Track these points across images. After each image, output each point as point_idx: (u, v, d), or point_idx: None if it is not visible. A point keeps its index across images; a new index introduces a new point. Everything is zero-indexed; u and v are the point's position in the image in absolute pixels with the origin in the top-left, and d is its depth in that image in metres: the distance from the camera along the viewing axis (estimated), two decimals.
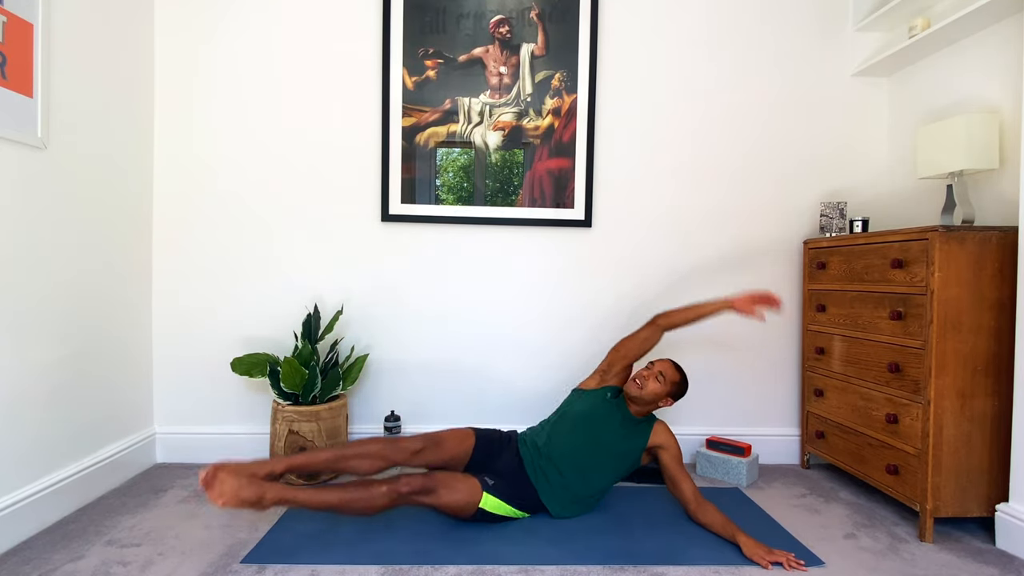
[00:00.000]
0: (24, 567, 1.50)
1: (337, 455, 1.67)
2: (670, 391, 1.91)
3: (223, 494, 1.45)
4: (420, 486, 1.63)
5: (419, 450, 1.75)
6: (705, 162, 2.45)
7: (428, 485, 1.65)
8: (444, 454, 1.80)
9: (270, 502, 1.50)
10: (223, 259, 2.35)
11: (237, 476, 1.49)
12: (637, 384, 1.90)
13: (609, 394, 1.97)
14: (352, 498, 1.57)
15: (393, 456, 1.71)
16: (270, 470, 1.57)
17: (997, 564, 1.61)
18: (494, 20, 2.36)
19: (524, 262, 2.42)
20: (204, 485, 1.46)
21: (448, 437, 1.83)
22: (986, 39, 1.99)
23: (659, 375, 1.90)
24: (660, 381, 1.90)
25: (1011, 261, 1.72)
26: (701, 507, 1.78)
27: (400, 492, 1.61)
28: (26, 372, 1.68)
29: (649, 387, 1.89)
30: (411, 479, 1.63)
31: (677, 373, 1.93)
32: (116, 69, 2.07)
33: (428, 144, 2.37)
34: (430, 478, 1.67)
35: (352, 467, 1.68)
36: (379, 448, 1.70)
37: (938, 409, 1.72)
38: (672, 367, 1.94)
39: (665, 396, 1.91)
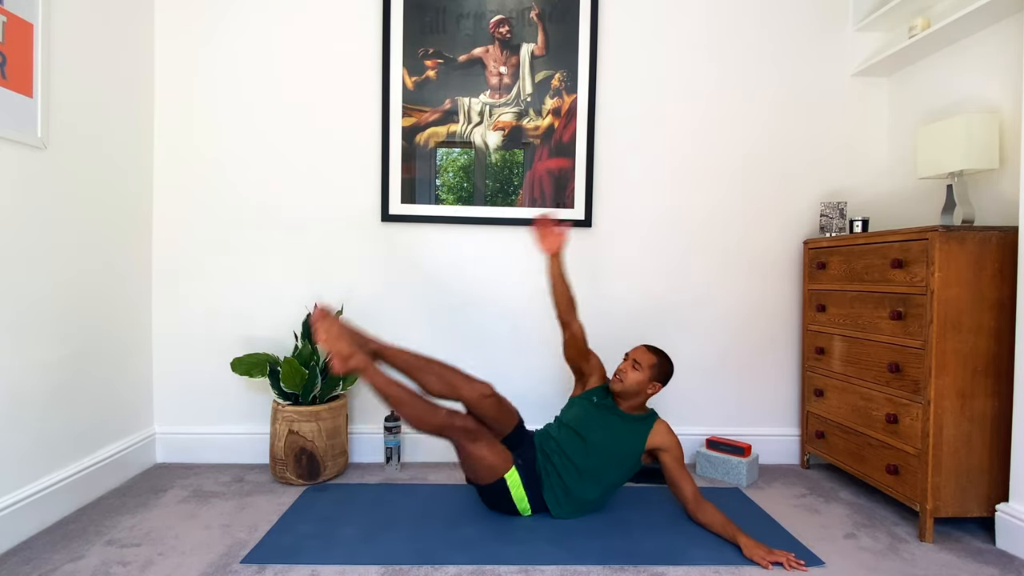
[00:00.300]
0: (24, 567, 1.50)
1: (418, 364, 1.82)
2: (650, 375, 1.88)
3: (329, 334, 1.68)
4: (473, 427, 1.74)
5: (487, 396, 1.80)
6: (705, 162, 2.45)
7: (477, 432, 1.74)
8: (499, 415, 1.84)
9: (355, 364, 1.69)
10: (223, 259, 2.35)
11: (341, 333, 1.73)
12: (618, 379, 1.89)
13: (595, 397, 1.95)
14: (416, 404, 1.70)
15: (463, 390, 1.79)
16: (366, 342, 1.82)
17: (997, 564, 1.61)
18: (494, 20, 2.36)
19: (524, 262, 2.42)
20: (316, 317, 1.71)
21: (507, 403, 1.88)
22: (986, 39, 1.99)
23: (634, 363, 1.89)
24: (637, 368, 1.88)
25: (1011, 261, 1.72)
26: (701, 507, 1.78)
27: (454, 424, 1.72)
28: (26, 372, 1.68)
29: (629, 378, 1.87)
30: (466, 419, 1.74)
31: (652, 355, 1.90)
32: (116, 69, 2.07)
33: (428, 144, 2.37)
34: (481, 428, 1.76)
35: (425, 380, 1.81)
36: (454, 377, 1.81)
37: (938, 409, 1.72)
38: (645, 351, 1.91)
39: (649, 381, 1.88)
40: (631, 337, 2.44)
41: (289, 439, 2.09)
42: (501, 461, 1.78)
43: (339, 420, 2.18)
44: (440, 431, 1.72)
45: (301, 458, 2.09)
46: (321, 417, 2.11)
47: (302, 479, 2.11)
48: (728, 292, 2.46)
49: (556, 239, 1.96)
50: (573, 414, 1.93)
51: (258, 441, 2.35)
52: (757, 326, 2.47)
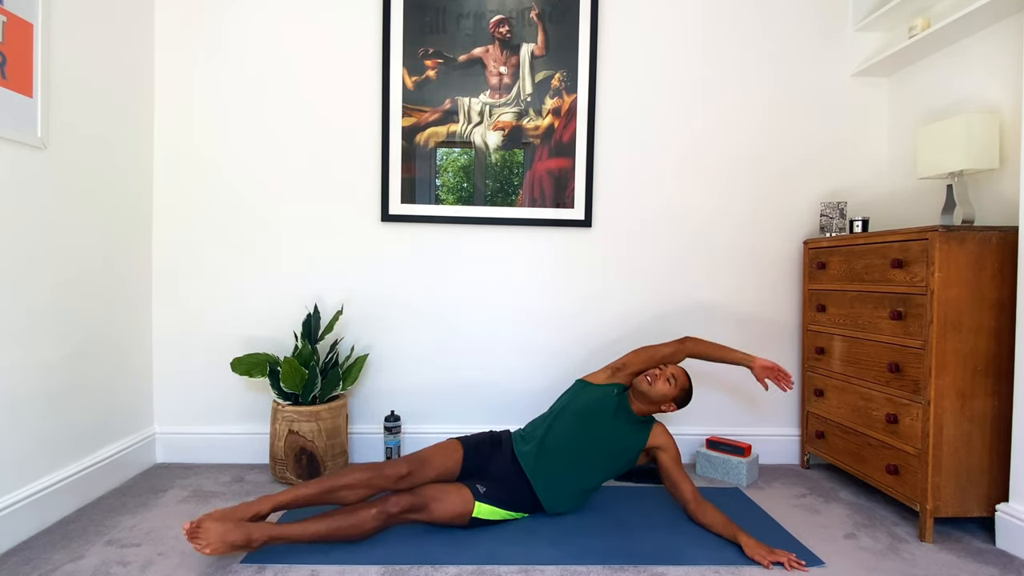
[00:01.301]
0: (24, 567, 1.50)
1: (323, 488, 1.63)
2: (676, 395, 1.92)
3: (210, 542, 1.44)
4: (409, 504, 1.62)
5: (405, 475, 1.71)
6: (705, 162, 2.45)
7: (417, 503, 1.63)
8: (431, 472, 1.77)
9: (258, 542, 1.50)
10: (223, 259, 2.35)
11: (223, 522, 1.48)
12: (648, 381, 1.89)
13: (616, 391, 1.96)
14: (341, 525, 1.57)
15: (379, 483, 1.68)
16: (256, 511, 1.56)
17: (997, 564, 1.61)
18: (494, 20, 2.36)
19: (524, 262, 2.42)
20: (189, 537, 1.45)
21: (434, 455, 1.80)
22: (986, 39, 1.99)
23: (671, 377, 1.90)
24: (670, 383, 1.89)
25: (1011, 261, 1.72)
26: (701, 507, 1.78)
27: (390, 512, 1.60)
28: (26, 372, 1.68)
29: (658, 386, 1.88)
30: (399, 498, 1.62)
31: (687, 380, 1.95)
32: (116, 69, 2.07)
33: (428, 144, 2.37)
34: (418, 495, 1.65)
35: (340, 499, 1.65)
36: (365, 477, 1.67)
37: (938, 409, 1.72)
38: (684, 374, 1.94)
39: (670, 400, 1.92)
40: (631, 337, 2.44)
41: (289, 439, 2.09)
42: (460, 507, 1.69)
43: (339, 420, 2.18)
44: (384, 526, 1.62)
45: (301, 458, 2.09)
46: (321, 417, 2.11)
47: (302, 479, 2.11)
48: (728, 292, 2.46)
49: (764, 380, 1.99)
50: (585, 401, 1.92)
51: (258, 441, 2.35)
52: (757, 326, 2.47)
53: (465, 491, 1.72)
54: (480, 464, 1.85)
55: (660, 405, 1.92)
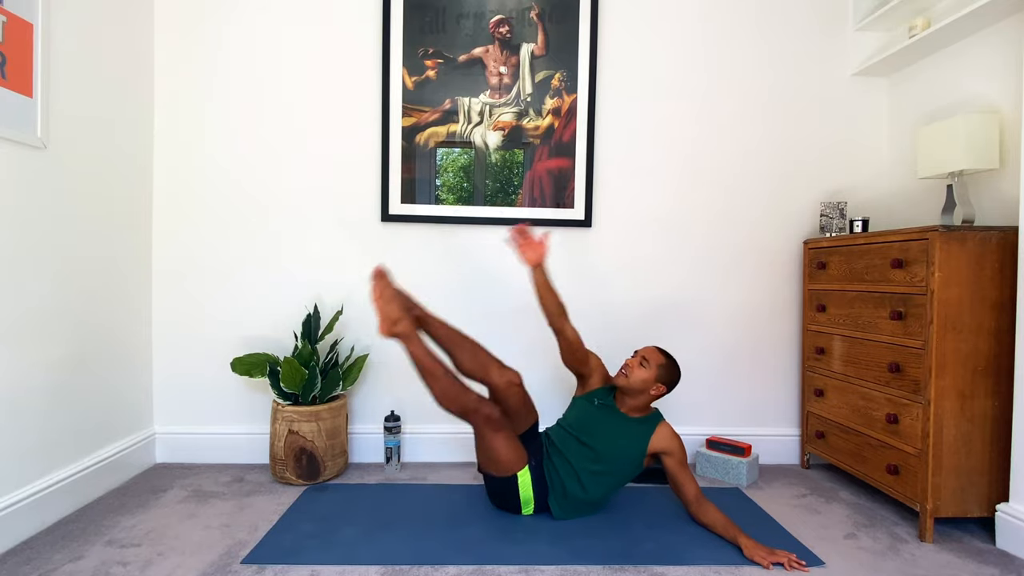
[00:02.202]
0: (24, 567, 1.50)
1: (454, 338, 1.88)
2: (656, 375, 1.84)
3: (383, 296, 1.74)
4: (497, 418, 1.75)
5: (516, 384, 1.84)
6: (705, 162, 2.45)
7: (501, 424, 1.76)
8: (521, 407, 1.87)
9: (400, 330, 1.74)
10: (223, 259, 2.35)
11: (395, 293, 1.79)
12: (623, 374, 1.85)
13: (597, 399, 1.92)
14: (447, 382, 1.73)
15: (493, 374, 1.84)
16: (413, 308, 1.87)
17: (997, 564, 1.61)
18: (494, 20, 2.36)
19: None
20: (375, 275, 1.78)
21: (530, 400, 1.91)
22: (986, 39, 1.99)
23: (642, 360, 1.85)
24: (644, 366, 1.84)
25: (1011, 261, 1.72)
26: (703, 508, 1.78)
27: (481, 411, 1.73)
28: (26, 372, 1.68)
29: (635, 375, 1.83)
30: (494, 408, 1.75)
31: (661, 356, 1.87)
32: (116, 68, 2.07)
33: (428, 144, 2.37)
34: (506, 420, 1.78)
35: (458, 356, 1.86)
36: (487, 359, 1.86)
37: (938, 409, 1.72)
38: (655, 351, 1.87)
39: (654, 381, 1.84)
40: (630, 338, 2.44)
41: (289, 439, 2.09)
42: (516, 458, 1.80)
43: (339, 420, 2.18)
44: (464, 414, 1.74)
45: (301, 458, 2.09)
46: (321, 417, 2.11)
47: (302, 479, 2.11)
48: (728, 292, 2.46)
49: (538, 249, 1.93)
50: (574, 416, 1.93)
51: (258, 441, 2.35)
52: (757, 326, 2.47)
53: (525, 453, 1.83)
54: (530, 441, 1.91)
55: (649, 391, 1.85)
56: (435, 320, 1.92)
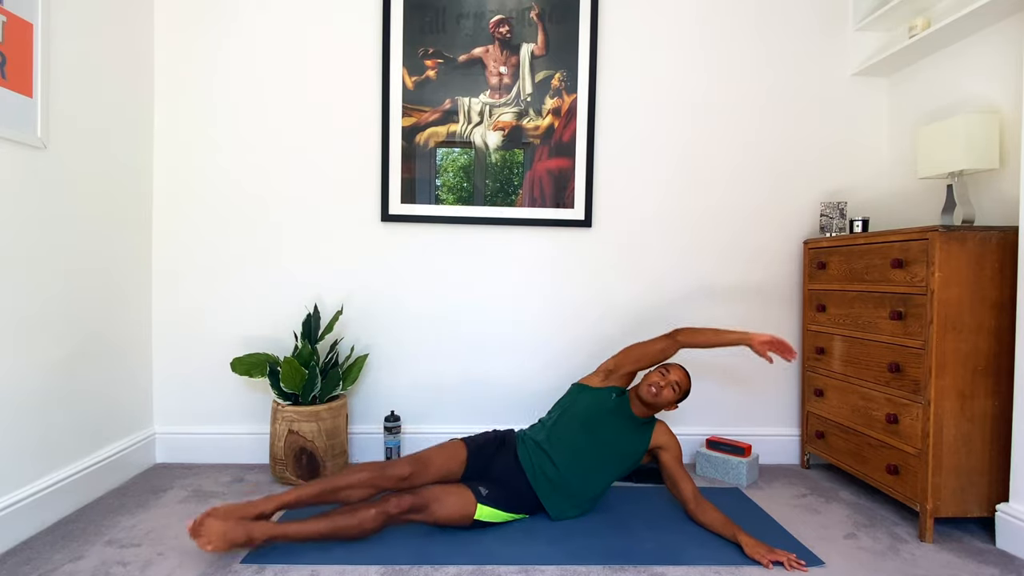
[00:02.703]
0: (24, 567, 1.50)
1: (325, 488, 1.64)
2: (679, 398, 1.93)
3: (211, 540, 1.47)
4: (410, 505, 1.62)
5: (407, 475, 1.71)
6: (705, 162, 2.45)
7: (418, 503, 1.63)
8: (434, 473, 1.76)
9: (259, 540, 1.52)
10: (223, 259, 2.35)
11: (224, 520, 1.50)
12: (652, 391, 1.87)
13: (614, 394, 1.95)
14: (341, 525, 1.57)
15: (381, 484, 1.68)
16: (260, 511, 1.57)
17: (997, 564, 1.61)
18: (494, 20, 2.36)
19: (524, 262, 2.42)
20: (192, 534, 1.47)
21: (436, 456, 1.80)
22: (986, 39, 1.99)
23: (675, 385, 1.89)
24: (675, 390, 1.89)
25: (1011, 261, 1.72)
26: (701, 507, 1.78)
27: (390, 513, 1.59)
28: (26, 372, 1.68)
29: (664, 395, 1.88)
30: (400, 500, 1.62)
31: (688, 382, 1.94)
32: (116, 68, 2.07)
33: (428, 144, 2.37)
34: (419, 496, 1.65)
35: (342, 498, 1.65)
36: (367, 476, 1.67)
37: (938, 409, 1.72)
38: (685, 376, 1.92)
39: (675, 403, 1.93)
40: (631, 337, 2.44)
41: (289, 439, 2.09)
42: (462, 509, 1.69)
43: (339, 420, 2.18)
44: (384, 526, 1.61)
45: (301, 458, 2.09)
46: (321, 417, 2.11)
47: (302, 479, 2.11)
48: (728, 291, 2.46)
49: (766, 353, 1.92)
50: (584, 406, 1.91)
51: (258, 441, 2.35)
52: (757, 326, 2.47)
53: (467, 493, 1.72)
54: (484, 466, 1.85)
55: (663, 408, 1.93)
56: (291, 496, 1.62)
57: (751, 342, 1.93)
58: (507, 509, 1.77)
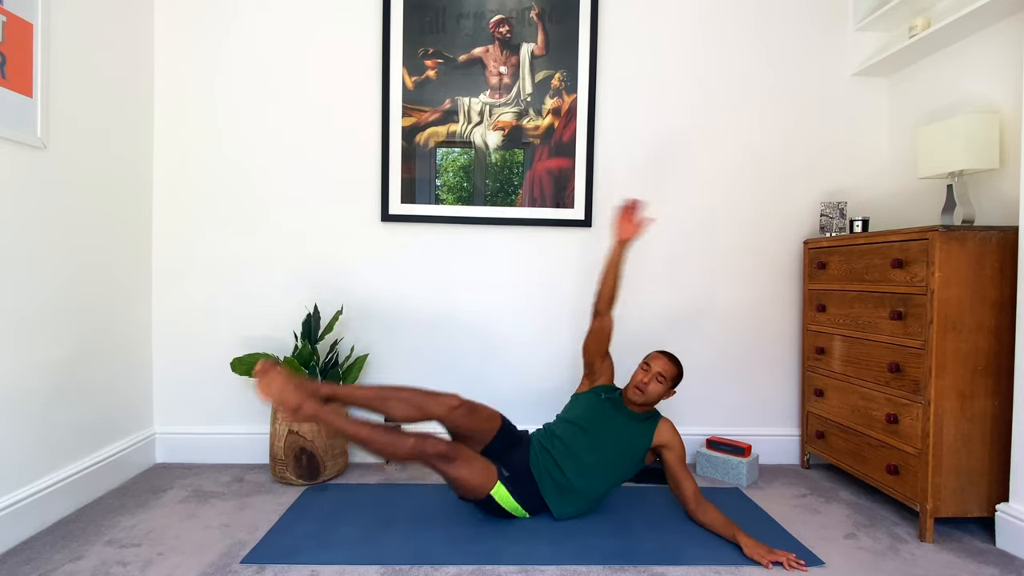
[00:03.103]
0: (24, 567, 1.50)
1: (378, 395, 1.70)
2: (670, 386, 1.91)
3: (272, 388, 1.57)
4: (444, 451, 1.65)
5: (456, 407, 1.74)
6: (705, 161, 2.45)
7: (451, 453, 1.67)
8: (474, 423, 1.79)
9: (307, 413, 1.58)
10: (223, 258, 2.35)
11: (287, 381, 1.60)
12: (639, 391, 1.88)
13: (603, 394, 1.96)
14: (381, 439, 1.61)
15: (429, 408, 1.72)
16: (315, 390, 1.65)
17: (997, 564, 1.61)
18: (494, 20, 2.36)
19: (524, 262, 2.42)
20: (257, 374, 1.58)
21: (481, 409, 1.82)
22: (986, 39, 1.99)
23: (658, 376, 1.89)
24: (660, 381, 1.89)
25: (1011, 261, 1.72)
26: (701, 507, 1.78)
27: (424, 451, 1.63)
28: (26, 372, 1.68)
29: (651, 390, 1.88)
30: (438, 442, 1.66)
31: (674, 367, 1.91)
32: (116, 69, 2.07)
33: (428, 144, 2.37)
34: (454, 448, 1.68)
35: (389, 408, 1.70)
36: (419, 398, 1.72)
37: (938, 409, 1.72)
38: (668, 364, 1.91)
39: (668, 392, 1.92)
40: (630, 337, 2.44)
41: (289, 439, 2.09)
42: (484, 478, 1.73)
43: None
44: (412, 458, 1.65)
45: (301, 458, 2.09)
46: None
47: (302, 479, 2.11)
48: (728, 292, 2.46)
49: (634, 228, 1.96)
50: (579, 410, 1.93)
51: (258, 441, 2.35)
52: (757, 326, 2.47)
53: (492, 468, 1.76)
54: (506, 449, 1.85)
55: (660, 400, 1.92)
56: (347, 389, 1.74)
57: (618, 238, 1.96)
58: (518, 499, 1.79)
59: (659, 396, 1.89)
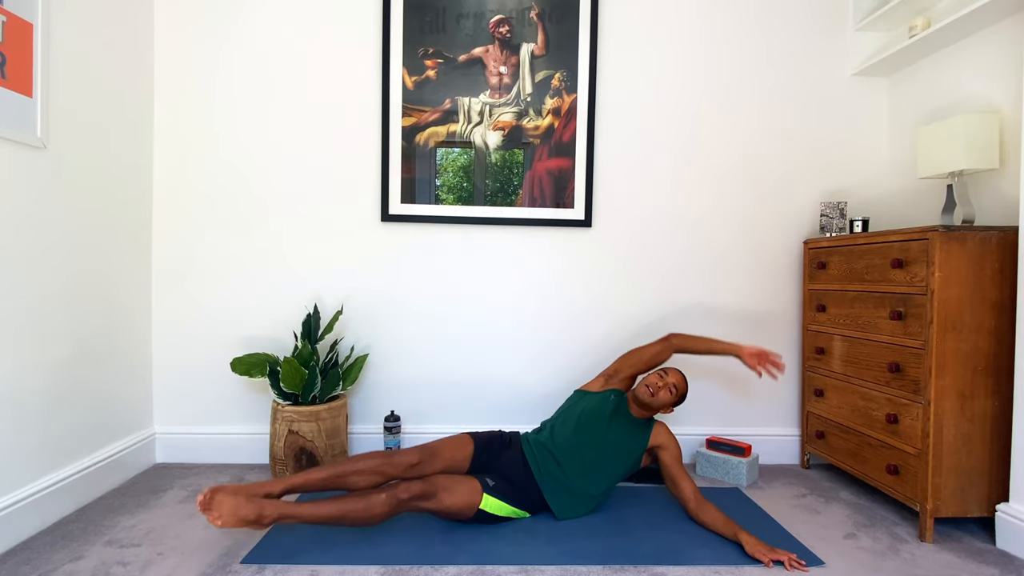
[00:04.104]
0: (24, 567, 1.50)
1: (334, 473, 1.65)
2: (675, 401, 1.96)
3: (221, 515, 1.46)
4: (419, 491, 1.63)
5: (415, 463, 1.73)
6: (705, 162, 2.45)
7: (427, 490, 1.65)
8: (441, 463, 1.78)
9: (269, 519, 1.51)
10: (223, 259, 2.35)
11: (235, 496, 1.49)
12: (649, 391, 1.92)
13: (612, 396, 1.99)
14: (351, 508, 1.56)
15: (389, 471, 1.70)
16: (268, 491, 1.57)
17: (997, 564, 1.61)
18: (494, 20, 2.36)
19: (524, 262, 2.42)
20: (202, 508, 1.46)
21: (444, 447, 1.82)
22: (986, 39, 1.99)
23: (672, 387, 1.94)
24: (671, 392, 1.93)
25: (1011, 261, 1.72)
26: (701, 507, 1.79)
27: (399, 499, 1.60)
28: (26, 372, 1.68)
29: (660, 396, 1.92)
30: (410, 485, 1.63)
31: (685, 385, 1.98)
32: (116, 68, 2.07)
33: (428, 144, 2.37)
34: (429, 483, 1.66)
35: (350, 484, 1.66)
36: (376, 464, 1.69)
37: (938, 409, 1.72)
38: (683, 381, 1.97)
39: (671, 406, 1.97)
40: (631, 337, 2.44)
41: (289, 439, 2.09)
42: (469, 498, 1.71)
43: (339, 420, 2.18)
44: (392, 512, 1.61)
45: (301, 458, 2.09)
46: (321, 417, 2.11)
47: None
48: (728, 291, 2.46)
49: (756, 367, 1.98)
50: (584, 408, 1.95)
51: (258, 441, 2.35)
52: (757, 326, 2.47)
53: (474, 483, 1.74)
54: (490, 460, 1.86)
55: (660, 410, 1.96)
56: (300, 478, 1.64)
57: (741, 354, 2.00)
58: (512, 503, 1.78)
59: (664, 405, 1.94)
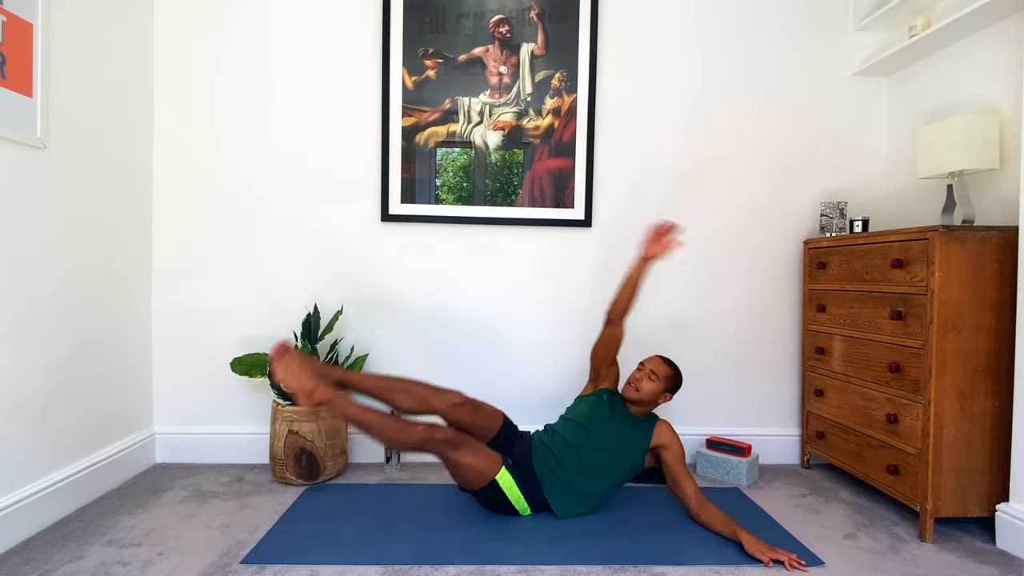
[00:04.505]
0: (24, 567, 1.50)
1: (385, 384, 1.78)
2: (665, 386, 1.95)
3: (288, 371, 1.62)
4: (451, 438, 1.70)
5: (460, 404, 1.81)
6: (705, 162, 2.45)
7: (456, 440, 1.72)
8: (477, 420, 1.84)
9: (320, 398, 1.63)
10: (223, 258, 2.35)
11: (303, 362, 1.66)
12: (633, 387, 1.93)
13: (605, 395, 2.00)
14: (391, 426, 1.65)
15: (434, 403, 1.79)
16: (328, 373, 1.74)
17: (997, 564, 1.61)
18: (494, 20, 2.36)
19: (524, 262, 2.42)
20: (274, 355, 1.63)
21: (485, 407, 1.87)
22: (986, 39, 1.99)
23: (651, 374, 1.94)
24: (653, 379, 1.93)
25: (1011, 261, 1.72)
26: (702, 507, 1.78)
27: (435, 437, 1.68)
28: (26, 372, 1.68)
29: (644, 387, 1.92)
30: (445, 430, 1.70)
31: (668, 367, 1.96)
32: (116, 68, 2.07)
33: (428, 144, 2.37)
34: (461, 435, 1.74)
35: (395, 399, 1.77)
36: (424, 391, 1.79)
37: (938, 409, 1.72)
38: (662, 363, 1.97)
39: (662, 392, 1.95)
40: (630, 337, 2.44)
41: (289, 439, 2.09)
42: (489, 464, 1.77)
43: (339, 420, 2.18)
44: (420, 446, 1.69)
45: (301, 458, 2.09)
46: (321, 417, 2.11)
47: (302, 479, 2.11)
48: (728, 292, 2.46)
49: (663, 247, 1.98)
50: (582, 410, 1.96)
51: (258, 441, 2.35)
52: (757, 326, 2.47)
53: (498, 456, 1.81)
54: (508, 445, 1.90)
55: (655, 402, 1.95)
56: (357, 376, 1.80)
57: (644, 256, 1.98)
58: (521, 488, 1.81)
59: (653, 394, 1.92)
